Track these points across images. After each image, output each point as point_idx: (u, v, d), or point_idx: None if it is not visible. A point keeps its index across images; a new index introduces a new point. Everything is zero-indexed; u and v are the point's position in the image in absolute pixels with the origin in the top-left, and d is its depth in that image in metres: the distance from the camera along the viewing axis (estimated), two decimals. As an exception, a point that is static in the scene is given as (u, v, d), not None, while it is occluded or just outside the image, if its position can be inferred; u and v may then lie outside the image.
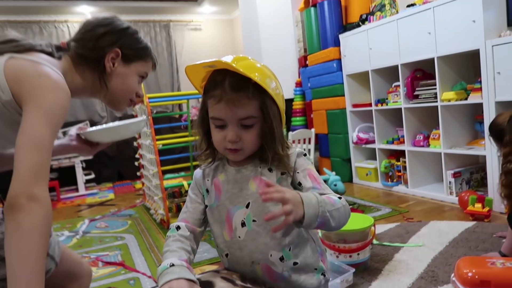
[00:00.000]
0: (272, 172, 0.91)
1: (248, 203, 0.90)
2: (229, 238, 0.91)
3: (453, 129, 2.91)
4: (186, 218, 0.96)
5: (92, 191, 4.77)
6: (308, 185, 0.92)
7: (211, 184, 0.96)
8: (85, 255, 2.48)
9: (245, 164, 0.93)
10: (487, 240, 2.06)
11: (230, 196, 0.92)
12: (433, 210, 2.74)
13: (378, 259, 1.95)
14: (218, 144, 0.90)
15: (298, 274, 0.91)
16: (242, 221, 0.89)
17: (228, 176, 0.94)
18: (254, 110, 0.86)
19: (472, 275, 1.44)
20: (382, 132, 3.53)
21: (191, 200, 0.98)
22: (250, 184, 0.91)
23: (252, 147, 0.89)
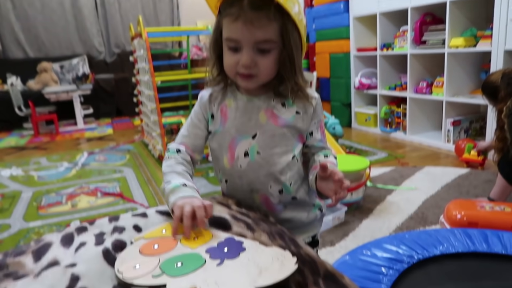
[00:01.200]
0: (286, 108, 0.86)
1: (255, 134, 0.86)
2: (229, 166, 0.88)
3: (457, 77, 2.86)
4: (186, 143, 0.91)
5: (90, 126, 4.78)
6: (317, 137, 0.90)
7: (217, 109, 0.90)
8: (84, 185, 2.54)
9: (258, 94, 0.87)
10: (478, 186, 2.10)
11: (237, 124, 0.87)
12: (429, 156, 2.77)
13: (371, 200, 2.00)
14: (229, 68, 0.82)
15: (295, 207, 0.92)
16: (245, 151, 0.86)
17: (237, 103, 0.88)
18: (273, 33, 0.77)
19: (460, 216, 1.49)
20: (385, 78, 3.47)
21: (193, 125, 0.92)
22: (261, 116, 0.86)
23: (267, 75, 0.82)
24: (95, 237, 0.72)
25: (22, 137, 4.41)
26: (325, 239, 1.63)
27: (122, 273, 0.58)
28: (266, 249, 0.62)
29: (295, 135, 0.88)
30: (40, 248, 0.72)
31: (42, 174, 2.86)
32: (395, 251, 1.17)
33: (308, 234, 0.97)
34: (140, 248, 0.65)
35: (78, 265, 0.59)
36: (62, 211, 2.14)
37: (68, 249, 0.70)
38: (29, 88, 5.01)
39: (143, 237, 0.69)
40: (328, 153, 0.92)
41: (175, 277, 0.56)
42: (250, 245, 0.64)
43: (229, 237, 0.67)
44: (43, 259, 0.67)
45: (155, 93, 2.86)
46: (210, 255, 0.61)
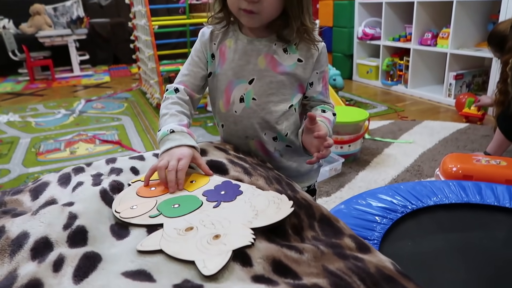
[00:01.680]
0: (288, 54, 0.82)
1: (252, 79, 0.82)
2: (224, 110, 0.86)
3: (464, 28, 2.77)
4: (185, 82, 0.86)
5: (87, 73, 4.69)
6: (318, 89, 0.87)
7: (217, 48, 0.85)
8: (82, 133, 2.54)
9: (260, 36, 0.82)
10: (476, 141, 2.10)
11: (234, 67, 0.83)
12: (428, 110, 2.75)
13: (368, 152, 2.01)
14: (232, 3, 0.77)
15: (291, 156, 0.91)
16: (241, 96, 0.83)
17: (237, 44, 0.84)
18: None
19: (456, 169, 1.50)
20: (389, 28, 3.36)
21: (193, 63, 0.87)
22: (260, 60, 0.82)
23: (271, 11, 0.76)
24: (92, 177, 0.73)
25: (17, 83, 4.34)
26: (321, 190, 1.66)
27: (120, 213, 0.58)
28: (262, 193, 0.62)
29: (294, 84, 0.84)
30: (37, 187, 0.72)
31: (40, 121, 2.85)
32: (389, 201, 1.19)
33: (304, 184, 0.97)
34: (137, 190, 0.66)
35: (75, 204, 0.60)
36: (61, 157, 2.15)
37: (65, 188, 0.70)
38: (22, 31, 4.85)
39: (140, 180, 0.70)
40: (327, 108, 0.89)
41: (172, 218, 0.56)
42: (246, 188, 0.64)
43: (226, 181, 0.67)
44: (40, 198, 0.68)
45: (152, 39, 2.78)
46: (207, 198, 0.62)
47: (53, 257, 0.48)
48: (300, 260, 0.49)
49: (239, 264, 0.47)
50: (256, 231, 0.53)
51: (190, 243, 0.49)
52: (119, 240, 0.54)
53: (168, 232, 0.52)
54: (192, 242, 0.49)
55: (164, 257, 0.48)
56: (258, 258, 0.48)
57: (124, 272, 0.46)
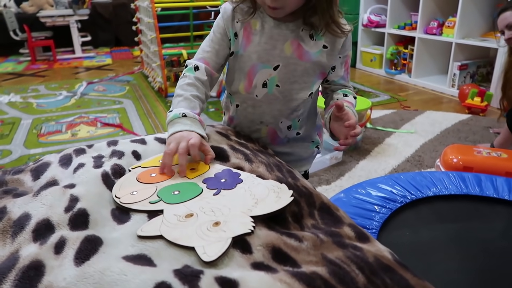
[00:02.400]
0: (314, 40, 0.80)
1: (277, 66, 0.80)
2: (244, 92, 0.84)
3: (471, 17, 2.73)
4: (206, 59, 0.83)
5: (89, 55, 4.66)
6: (340, 74, 0.86)
7: (241, 28, 0.82)
8: (83, 115, 2.53)
9: (287, 21, 0.80)
10: (478, 132, 2.10)
11: (260, 50, 0.80)
12: (431, 100, 2.74)
13: (369, 141, 2.01)
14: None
15: (296, 142, 0.92)
16: (264, 81, 0.81)
17: (264, 27, 0.80)
18: None
19: (457, 161, 1.50)
20: (395, 15, 3.32)
21: (215, 40, 0.84)
22: (286, 46, 0.80)
23: (295, 5, 0.75)
24: (93, 159, 0.73)
25: (19, 63, 4.32)
26: (321, 178, 1.66)
27: (120, 198, 0.58)
28: (262, 181, 0.63)
29: (317, 71, 0.83)
30: (38, 167, 0.72)
31: (41, 102, 2.84)
32: (389, 190, 1.19)
33: (302, 169, 0.99)
34: (138, 176, 0.66)
35: (77, 186, 0.60)
36: (62, 139, 2.15)
37: (67, 169, 0.70)
38: (23, 10, 4.80)
39: (140, 166, 0.69)
40: (348, 92, 0.88)
41: (172, 204, 0.56)
42: (247, 177, 0.64)
43: (226, 169, 0.67)
44: (41, 178, 0.68)
45: (155, 21, 2.75)
46: (207, 185, 0.62)
47: (55, 239, 0.49)
48: (300, 248, 0.50)
49: (238, 251, 0.48)
50: (256, 219, 0.53)
51: (190, 229, 0.50)
52: (120, 224, 0.54)
53: (168, 218, 0.52)
54: (192, 228, 0.50)
55: (164, 242, 0.48)
56: (257, 246, 0.48)
57: (125, 256, 0.46)
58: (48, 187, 0.61)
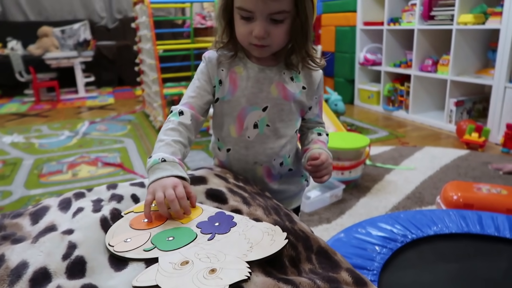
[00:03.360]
0: (294, 82, 0.87)
1: (265, 107, 0.85)
2: (236, 135, 0.87)
3: (464, 56, 2.81)
4: (192, 104, 0.85)
5: (92, 94, 4.75)
6: (315, 112, 0.94)
7: (226, 75, 0.86)
8: (85, 155, 2.55)
9: (270, 65, 0.86)
10: (477, 168, 2.10)
11: (248, 94, 0.85)
12: (429, 136, 2.76)
13: (369, 179, 2.01)
14: (242, 38, 0.81)
15: (287, 178, 0.94)
16: (255, 122, 0.86)
17: (249, 72, 0.86)
18: (288, 3, 0.76)
19: (457, 198, 1.50)
20: (390, 54, 3.42)
21: (200, 86, 0.87)
22: (272, 88, 0.85)
23: (280, 43, 0.81)
24: (92, 203, 0.73)
25: (23, 103, 4.40)
26: (321, 216, 1.65)
27: (114, 246, 0.58)
28: (256, 224, 0.63)
29: (298, 109, 0.90)
30: (37, 210, 0.73)
31: (43, 142, 2.87)
32: (389, 230, 1.18)
33: (295, 205, 1.01)
34: (130, 222, 0.65)
35: (75, 232, 0.60)
36: (63, 180, 2.16)
37: (66, 213, 0.70)
38: (29, 53, 4.95)
39: (133, 211, 0.69)
40: (321, 130, 0.96)
41: (167, 251, 0.56)
42: (240, 219, 0.64)
43: (219, 212, 0.68)
44: (40, 222, 0.68)
45: (157, 63, 2.83)
46: (201, 230, 0.62)
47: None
48: (296, 295, 0.49)
49: (235, 298, 0.47)
50: (252, 264, 0.53)
51: (187, 278, 0.49)
52: (117, 271, 0.54)
53: (163, 267, 0.52)
54: (188, 276, 0.50)
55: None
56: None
57: (120, 306, 0.46)
58: (47, 232, 0.61)
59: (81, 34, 5.15)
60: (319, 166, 0.85)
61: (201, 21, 5.57)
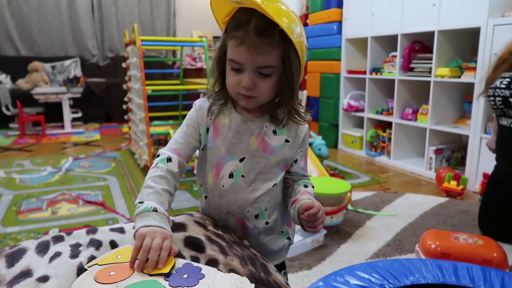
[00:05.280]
0: (277, 135, 0.89)
1: (243, 158, 0.88)
2: (212, 183, 0.89)
3: (442, 106, 2.93)
4: (179, 150, 0.88)
5: (78, 130, 4.75)
6: (301, 165, 0.95)
7: (212, 123, 0.90)
8: (66, 192, 2.52)
9: (254, 117, 0.89)
10: (456, 216, 2.15)
11: (227, 144, 0.88)
12: (410, 183, 2.82)
13: (350, 224, 2.03)
14: (231, 87, 0.85)
15: (267, 233, 0.94)
16: (231, 172, 0.88)
17: (231, 122, 0.89)
18: (275, 59, 0.81)
19: (435, 247, 1.52)
20: (372, 101, 3.54)
21: (188, 133, 0.90)
22: (252, 140, 0.88)
23: (266, 97, 0.85)
24: (70, 248, 0.73)
25: (7, 137, 4.36)
26: (302, 262, 1.65)
27: None
28: (224, 275, 0.63)
29: (280, 163, 0.90)
30: (14, 253, 0.72)
31: (24, 177, 2.83)
32: (367, 279, 1.19)
33: (275, 262, 0.99)
34: (95, 275, 0.63)
35: (51, 279, 0.60)
36: (41, 218, 2.11)
37: (42, 257, 0.70)
38: (18, 87, 4.97)
39: (97, 263, 0.67)
40: (307, 182, 0.96)
41: None
42: (208, 271, 0.64)
43: (187, 263, 0.67)
44: (16, 266, 0.67)
45: (145, 103, 2.87)
46: (170, 283, 0.61)
47: None
48: None
49: None
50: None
51: (158, 332, 0.50)
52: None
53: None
54: (160, 331, 0.50)
55: None
56: None
57: None
58: (22, 278, 0.61)
59: (71, 71, 5.21)
60: (315, 215, 0.83)
61: (191, 62, 5.71)
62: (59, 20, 5.67)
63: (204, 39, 3.25)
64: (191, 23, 6.30)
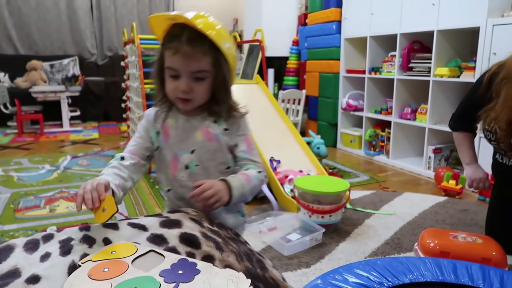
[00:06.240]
0: (217, 125, 1.03)
1: (193, 150, 1.01)
2: (172, 176, 1.03)
3: (441, 105, 2.93)
4: (132, 151, 1.04)
5: (76, 128, 4.74)
6: (242, 148, 1.06)
7: (161, 126, 1.04)
8: (64, 190, 2.51)
9: (195, 115, 1.02)
10: (454, 215, 2.14)
11: (177, 142, 1.02)
12: (409, 182, 2.81)
13: (349, 223, 2.02)
14: (171, 92, 0.96)
15: (227, 211, 1.06)
16: (186, 164, 1.02)
17: (177, 123, 1.03)
18: (207, 65, 0.93)
19: (433, 245, 1.51)
20: (371, 101, 3.53)
21: (139, 136, 1.06)
22: (197, 134, 1.01)
23: (202, 98, 0.98)
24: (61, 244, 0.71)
25: (5, 135, 4.35)
26: (301, 260, 1.64)
27: None
28: (219, 271, 0.63)
29: (225, 148, 1.05)
30: (1, 250, 0.70)
31: (22, 175, 2.82)
32: (365, 277, 1.18)
33: None
34: (89, 271, 0.63)
35: (41, 281, 0.59)
36: (39, 215, 2.10)
37: (31, 254, 0.68)
38: (16, 85, 4.96)
39: (91, 260, 0.67)
40: (251, 167, 1.05)
41: None
42: (203, 266, 0.64)
43: (182, 258, 0.67)
44: (3, 264, 0.66)
45: (144, 101, 2.86)
46: (165, 279, 0.60)
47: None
48: None
49: None
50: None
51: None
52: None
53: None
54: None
55: None
56: None
57: None
58: (10, 279, 0.60)
59: (70, 69, 5.20)
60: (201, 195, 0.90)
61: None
62: (58, 19, 5.65)
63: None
64: (190, 22, 6.30)
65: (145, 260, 0.67)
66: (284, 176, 2.34)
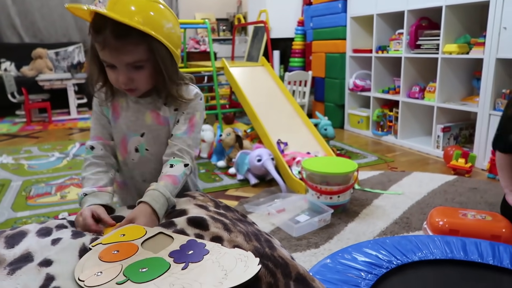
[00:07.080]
0: (168, 106, 0.98)
1: (143, 133, 0.99)
2: (122, 158, 1.02)
3: (450, 83, 2.88)
4: (98, 135, 1.01)
5: (84, 116, 4.76)
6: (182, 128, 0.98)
7: (111, 104, 1.01)
8: (74, 176, 2.54)
9: (145, 96, 0.98)
10: (464, 194, 2.13)
11: (127, 122, 0.98)
12: (417, 161, 2.79)
13: (357, 203, 2.02)
14: (113, 83, 0.92)
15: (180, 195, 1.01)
16: (136, 147, 0.99)
17: (128, 103, 0.98)
18: (142, 54, 0.85)
19: (443, 223, 1.51)
20: (379, 80, 3.49)
21: (97, 117, 1.02)
22: (146, 116, 0.98)
23: (146, 85, 0.92)
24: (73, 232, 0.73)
25: (14, 124, 4.39)
26: (309, 241, 1.65)
27: (84, 281, 0.56)
28: (228, 251, 0.63)
29: None
30: (14, 235, 0.72)
31: (33, 163, 2.86)
32: (374, 255, 1.19)
33: None
34: (100, 254, 0.63)
35: (53, 264, 0.60)
36: (51, 202, 2.14)
37: (44, 239, 0.69)
38: (23, 74, 4.97)
39: (101, 243, 0.67)
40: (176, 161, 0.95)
41: (140, 283, 0.55)
42: (212, 247, 0.64)
43: (191, 239, 0.67)
44: (16, 248, 0.67)
45: (149, 87, 2.86)
46: (174, 259, 0.61)
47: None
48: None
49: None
50: (230, 291, 0.53)
51: (163, 307, 0.49)
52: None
53: (139, 299, 0.52)
54: (164, 306, 0.50)
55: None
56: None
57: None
58: (22, 263, 0.61)
59: (75, 57, 5.20)
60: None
61: (195, 45, 5.66)
62: (61, 6, 5.61)
63: (207, 21, 3.21)
64: (194, 6, 6.23)
65: (155, 242, 0.67)
66: (292, 158, 2.34)
